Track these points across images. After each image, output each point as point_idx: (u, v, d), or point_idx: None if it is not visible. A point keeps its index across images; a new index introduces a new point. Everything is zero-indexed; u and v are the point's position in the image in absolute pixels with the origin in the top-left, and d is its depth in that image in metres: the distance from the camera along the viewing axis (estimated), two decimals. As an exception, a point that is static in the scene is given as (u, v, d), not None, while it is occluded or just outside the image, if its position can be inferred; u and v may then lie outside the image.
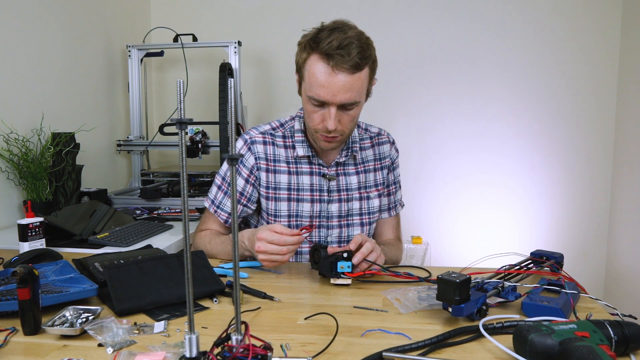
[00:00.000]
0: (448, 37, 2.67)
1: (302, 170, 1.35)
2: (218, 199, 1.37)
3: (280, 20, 2.76)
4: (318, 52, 1.17)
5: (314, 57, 1.18)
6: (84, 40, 2.24)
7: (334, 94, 1.17)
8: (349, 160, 1.39)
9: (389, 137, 1.48)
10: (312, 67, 1.18)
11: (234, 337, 0.61)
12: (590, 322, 0.75)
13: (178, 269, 1.02)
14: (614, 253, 2.61)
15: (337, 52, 1.14)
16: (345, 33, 1.16)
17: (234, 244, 0.62)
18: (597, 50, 2.57)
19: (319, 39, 1.17)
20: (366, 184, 1.41)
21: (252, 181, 1.35)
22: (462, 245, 2.75)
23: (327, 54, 1.15)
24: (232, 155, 0.59)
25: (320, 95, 1.18)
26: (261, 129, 1.38)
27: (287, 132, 1.37)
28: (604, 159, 2.63)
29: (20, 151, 1.75)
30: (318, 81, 1.17)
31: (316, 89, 1.18)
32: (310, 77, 1.19)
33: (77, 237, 1.49)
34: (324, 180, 1.36)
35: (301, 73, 1.24)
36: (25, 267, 0.82)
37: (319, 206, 1.35)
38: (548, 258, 1.15)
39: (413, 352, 0.77)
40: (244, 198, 1.35)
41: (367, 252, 1.11)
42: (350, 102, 1.19)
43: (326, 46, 1.15)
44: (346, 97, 1.18)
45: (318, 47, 1.16)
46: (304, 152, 1.34)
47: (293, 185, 1.35)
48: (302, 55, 1.22)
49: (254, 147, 1.34)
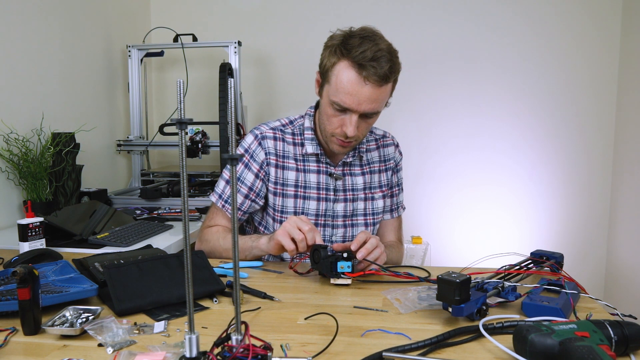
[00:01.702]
0: (448, 38, 2.67)
1: (310, 169, 1.36)
2: (226, 193, 1.37)
3: (280, 20, 2.76)
4: (349, 59, 1.16)
5: (344, 63, 1.18)
6: (84, 40, 2.24)
7: (359, 102, 1.18)
8: (356, 161, 1.40)
9: (394, 140, 1.49)
10: (341, 74, 1.18)
11: (234, 337, 0.61)
12: (590, 322, 0.75)
13: (178, 269, 1.03)
14: (614, 253, 2.60)
15: (370, 63, 1.14)
16: (378, 44, 1.16)
17: (234, 244, 0.62)
18: (597, 50, 2.57)
19: (351, 46, 1.16)
20: (371, 185, 1.42)
21: (262, 176, 1.35)
22: (462, 245, 2.75)
23: (359, 63, 1.15)
24: (232, 155, 0.59)
25: (345, 102, 1.18)
26: (271, 124, 1.38)
27: (297, 129, 1.38)
28: (604, 159, 2.63)
29: (20, 151, 1.75)
30: (345, 88, 1.17)
31: (342, 95, 1.18)
32: (337, 83, 1.19)
33: (77, 237, 1.49)
34: (331, 179, 1.37)
35: (327, 76, 1.23)
36: (25, 267, 0.82)
37: (324, 205, 1.36)
38: (548, 258, 1.15)
39: (413, 352, 0.77)
40: (253, 193, 1.35)
41: (372, 247, 1.11)
42: (373, 112, 1.21)
43: (359, 55, 1.15)
44: (370, 107, 1.19)
45: (350, 54, 1.16)
46: (313, 150, 1.34)
47: (300, 182, 1.35)
48: (331, 58, 1.21)
49: (265, 142, 1.34)
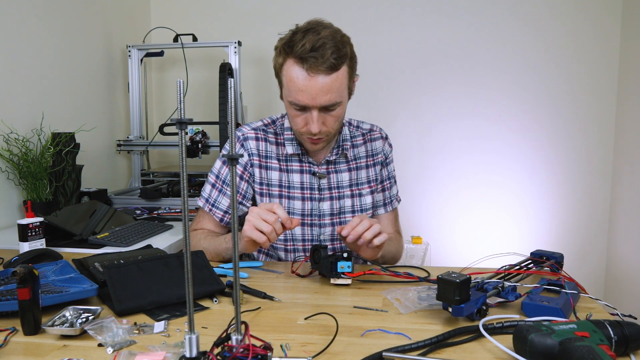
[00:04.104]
0: (449, 39, 2.67)
1: (293, 168, 1.35)
2: (213, 197, 1.36)
3: (280, 20, 2.75)
4: (293, 56, 1.15)
5: (289, 61, 1.17)
6: (84, 40, 2.24)
7: (313, 97, 1.16)
8: (340, 159, 1.38)
9: (382, 133, 1.46)
10: (289, 72, 1.17)
11: (234, 337, 0.61)
12: (590, 322, 0.75)
13: (178, 269, 1.03)
14: (614, 253, 2.60)
15: (310, 55, 1.12)
16: (319, 34, 1.14)
17: (234, 244, 0.62)
18: (598, 51, 2.56)
19: (293, 42, 1.15)
20: (358, 181, 1.40)
21: (247, 178, 1.34)
22: (462, 245, 2.74)
23: (301, 57, 1.14)
24: (231, 155, 0.59)
25: (299, 100, 1.17)
26: (253, 125, 1.38)
27: (278, 129, 1.37)
28: (604, 159, 2.62)
29: (20, 151, 1.75)
30: (296, 86, 1.16)
31: (295, 94, 1.17)
32: (288, 83, 1.18)
33: (77, 237, 1.49)
34: (315, 179, 1.35)
35: (279, 78, 1.23)
36: (25, 267, 0.82)
37: (310, 204, 1.35)
38: (548, 258, 1.15)
39: (413, 352, 0.77)
40: (240, 195, 1.35)
41: (364, 229, 1.10)
42: (331, 103, 1.18)
43: (300, 49, 1.13)
44: (326, 99, 1.17)
45: (292, 51, 1.15)
46: (294, 150, 1.34)
47: (284, 182, 1.34)
48: (278, 60, 1.21)
49: (247, 144, 1.34)
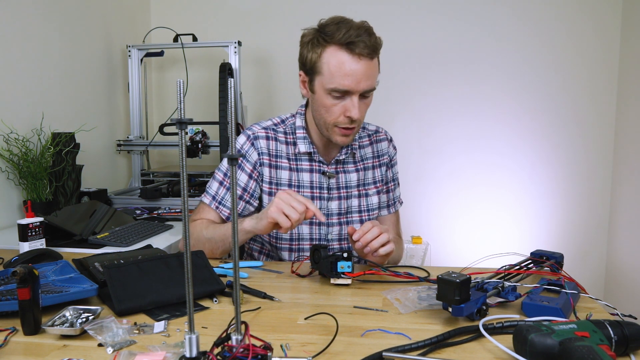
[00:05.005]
0: (449, 39, 2.67)
1: (303, 167, 1.36)
2: (220, 194, 1.35)
3: (280, 20, 2.76)
4: (336, 42, 1.18)
5: (331, 48, 1.19)
6: (84, 40, 2.24)
7: (358, 81, 1.18)
8: (349, 159, 1.40)
9: (387, 135, 1.48)
10: (333, 59, 1.18)
11: (234, 337, 0.61)
12: (590, 322, 0.75)
13: (178, 269, 1.02)
14: (614, 253, 2.60)
15: (357, 39, 1.16)
16: (353, 24, 1.19)
17: (234, 244, 0.62)
18: (597, 51, 2.56)
19: (330, 32, 1.18)
20: (365, 181, 1.41)
21: (255, 177, 1.34)
22: (462, 245, 2.74)
23: (347, 42, 1.16)
24: (232, 155, 0.59)
25: (344, 84, 1.18)
26: (263, 124, 1.38)
27: (288, 128, 1.37)
28: (604, 159, 2.62)
29: (20, 151, 1.75)
30: (341, 71, 1.18)
31: (340, 79, 1.18)
32: (331, 69, 1.19)
33: (77, 237, 1.49)
34: (324, 178, 1.36)
35: (316, 69, 1.22)
36: (25, 267, 0.82)
37: (319, 203, 1.36)
38: (548, 258, 1.15)
39: (413, 352, 0.77)
40: (247, 194, 1.34)
41: (373, 237, 1.11)
42: (370, 88, 1.22)
43: (344, 36, 1.16)
44: (367, 84, 1.20)
45: (333, 39, 1.18)
46: (306, 149, 1.34)
47: (294, 181, 1.35)
48: (315, 50, 1.21)
49: (257, 143, 1.34)
